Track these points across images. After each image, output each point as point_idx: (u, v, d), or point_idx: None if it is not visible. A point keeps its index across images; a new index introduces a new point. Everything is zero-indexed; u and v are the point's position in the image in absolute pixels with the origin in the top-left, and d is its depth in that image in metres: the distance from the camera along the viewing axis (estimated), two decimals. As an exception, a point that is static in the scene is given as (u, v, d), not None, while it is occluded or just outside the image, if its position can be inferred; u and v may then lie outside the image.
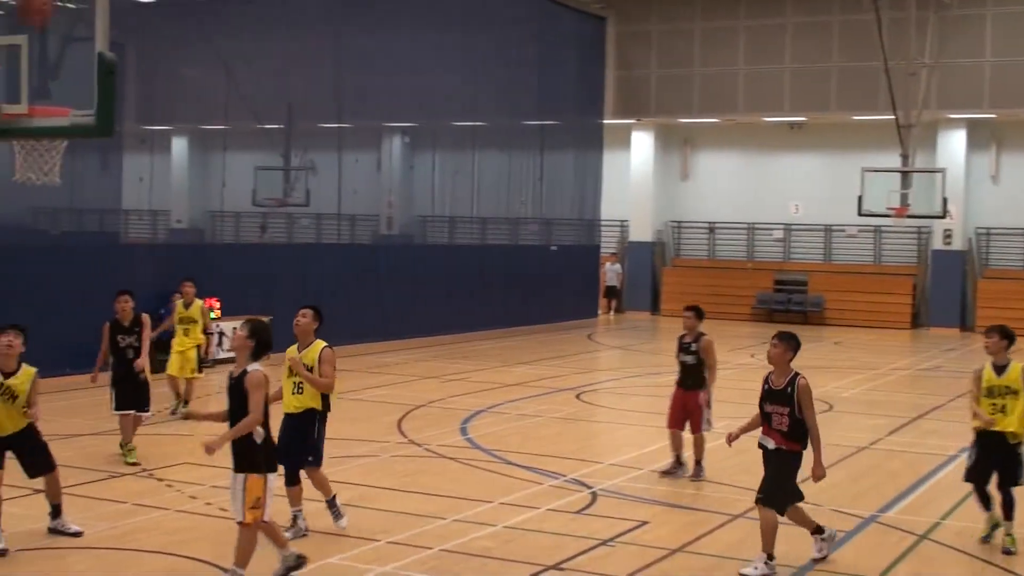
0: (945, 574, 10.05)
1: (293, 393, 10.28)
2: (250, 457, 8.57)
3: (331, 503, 10.50)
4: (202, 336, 16.90)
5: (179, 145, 36.85)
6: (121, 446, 13.32)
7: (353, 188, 27.36)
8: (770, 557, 9.60)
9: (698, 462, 13.36)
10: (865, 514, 11.77)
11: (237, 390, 8.57)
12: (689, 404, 13.35)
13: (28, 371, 9.99)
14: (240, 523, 8.55)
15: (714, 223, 38.98)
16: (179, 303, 17.02)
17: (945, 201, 30.60)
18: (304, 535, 10.18)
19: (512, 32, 31.84)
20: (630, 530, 10.83)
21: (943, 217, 31.57)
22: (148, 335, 13.67)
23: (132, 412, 13.34)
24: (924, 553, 10.56)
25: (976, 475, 10.64)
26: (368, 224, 32.75)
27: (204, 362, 20.82)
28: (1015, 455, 10.44)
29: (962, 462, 14.70)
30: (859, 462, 14.68)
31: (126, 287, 17.81)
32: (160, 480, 12.35)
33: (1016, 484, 10.48)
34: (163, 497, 11.60)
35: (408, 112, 29.93)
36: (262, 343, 8.68)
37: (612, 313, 37.10)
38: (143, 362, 13.47)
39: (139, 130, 26.22)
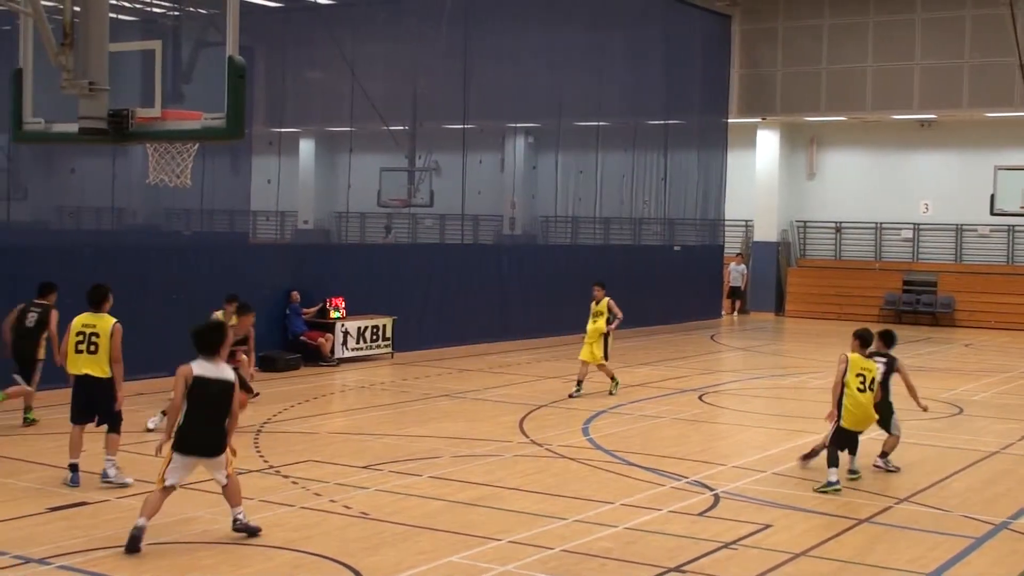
0: (1081, 585, 9.74)
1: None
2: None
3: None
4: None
5: (306, 147, 37.47)
6: None
7: (477, 189, 27.50)
8: None
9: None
10: (996, 521, 11.44)
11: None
12: None
13: None
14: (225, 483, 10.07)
15: (841, 223, 38.30)
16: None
17: (1081, 199, 29.64)
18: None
19: (637, 31, 31.68)
20: (753, 533, 10.69)
21: (1078, 215, 30.59)
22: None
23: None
24: (1059, 562, 10.23)
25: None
26: (491, 224, 32.89)
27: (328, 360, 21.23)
28: None
29: (1100, 469, 14.24)
30: (990, 467, 14.28)
31: (256, 286, 18.26)
32: (286, 477, 12.57)
33: None
34: (288, 493, 11.80)
35: (532, 112, 29.96)
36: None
37: (736, 314, 36.69)
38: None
39: (267, 133, 26.72)
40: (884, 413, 13.26)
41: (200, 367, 9.88)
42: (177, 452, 9.83)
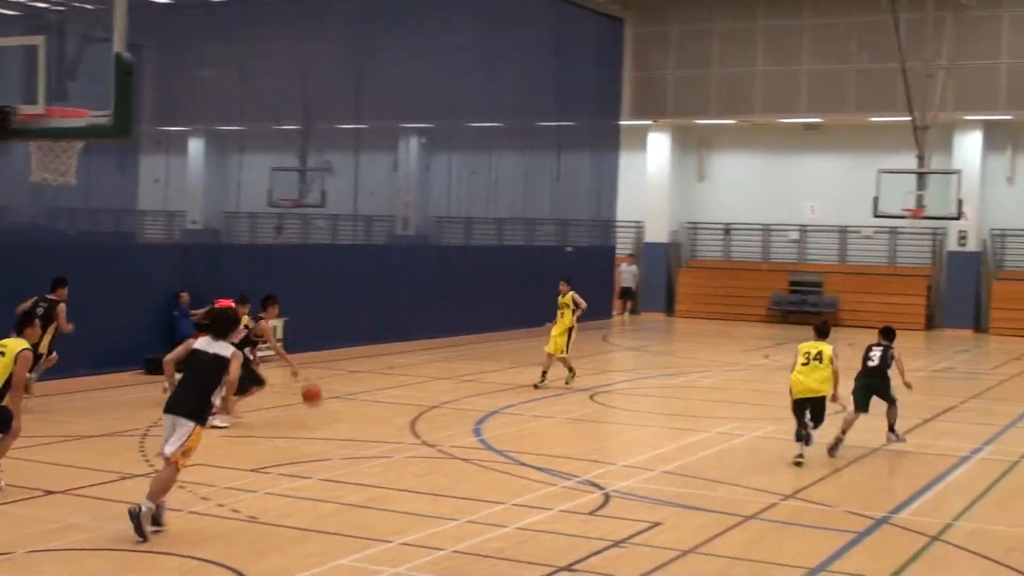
0: (955, 574, 10.03)
1: None
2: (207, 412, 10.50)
3: None
4: None
5: (195, 146, 36.91)
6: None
7: (369, 189, 27.38)
8: None
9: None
10: (877, 515, 11.72)
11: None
12: None
13: None
14: (167, 458, 10.18)
15: (730, 224, 38.92)
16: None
17: (960, 203, 30.44)
18: None
19: (530, 33, 31.79)
20: (642, 531, 10.81)
21: (958, 219, 31.42)
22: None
23: None
24: (936, 554, 10.51)
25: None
26: (384, 225, 32.78)
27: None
28: None
29: (976, 463, 14.68)
30: (872, 463, 14.64)
31: (142, 287, 18.02)
32: (174, 480, 12.36)
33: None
34: (174, 498, 11.60)
35: (425, 113, 29.91)
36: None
37: (627, 314, 37.04)
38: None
39: (156, 131, 26.27)
40: (883, 387, 15.20)
41: (202, 343, 10.62)
42: (164, 412, 10.44)
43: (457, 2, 29.03)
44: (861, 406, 15.07)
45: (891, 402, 15.28)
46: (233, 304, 16.89)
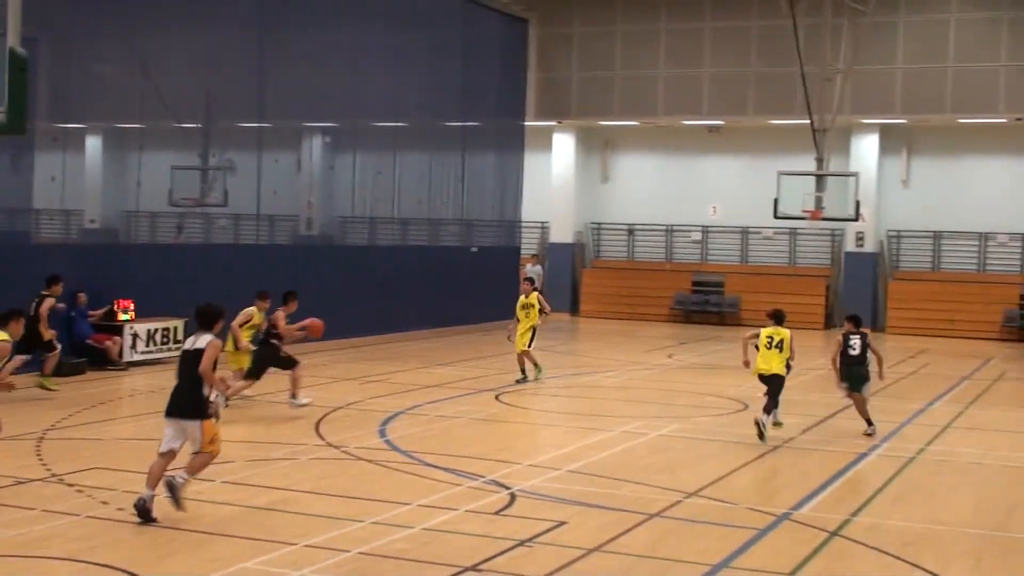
0: (855, 570, 10.19)
1: None
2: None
3: None
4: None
5: (93, 144, 36.07)
6: None
7: (273, 188, 27.06)
8: None
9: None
10: (779, 511, 11.90)
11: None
12: None
13: None
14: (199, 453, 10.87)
15: (633, 225, 39.24)
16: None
17: (858, 204, 31.07)
18: None
19: (434, 33, 31.69)
20: (548, 530, 10.84)
21: (856, 220, 32.08)
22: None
23: None
24: (835, 549, 10.70)
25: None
26: (287, 225, 32.43)
27: (116, 364, 20.58)
28: None
29: (873, 459, 14.98)
30: (773, 461, 14.85)
31: (38, 288, 17.69)
32: (70, 485, 12.10)
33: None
34: (73, 502, 11.37)
35: (329, 112, 29.64)
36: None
37: (532, 314, 37.06)
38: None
39: (52, 128, 25.69)
40: (858, 379, 16.61)
41: (189, 341, 11.18)
42: (165, 416, 11.02)
43: (362, 1, 28.84)
44: (855, 389, 16.72)
45: (863, 388, 16.72)
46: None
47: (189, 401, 10.88)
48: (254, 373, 17.53)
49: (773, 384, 16.33)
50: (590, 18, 37.55)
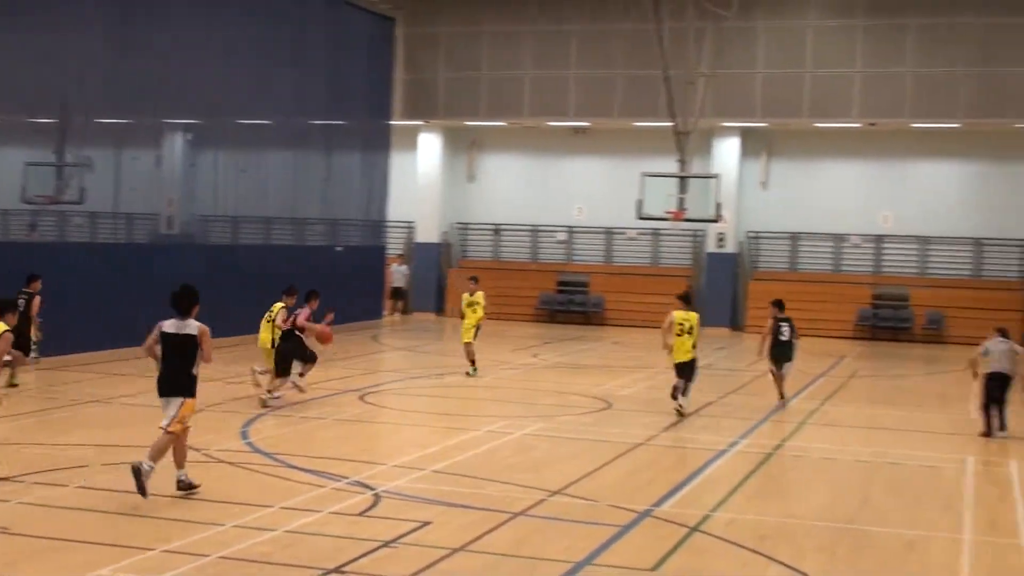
0: (714, 564, 10.39)
1: None
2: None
3: None
4: None
5: (-58, 139, 34.94)
6: None
7: (131, 186, 26.43)
8: None
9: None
10: (640, 508, 12.07)
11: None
12: None
13: None
14: (166, 430, 11.79)
15: (499, 225, 39.39)
16: None
17: (719, 206, 31.66)
18: None
19: (300, 30, 31.32)
20: (412, 531, 10.82)
21: (717, 221, 32.68)
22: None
23: None
24: (695, 545, 10.89)
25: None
26: (146, 223, 31.74)
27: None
28: None
29: (732, 456, 15.30)
30: (635, 458, 15.05)
31: None
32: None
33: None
34: (-80, 509, 10.98)
35: (192, 109, 29.07)
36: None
37: (398, 314, 37.03)
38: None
39: None
40: (785, 359, 19.81)
41: (169, 325, 12.19)
42: (159, 395, 12.09)
43: (228, -4, 28.42)
44: (780, 367, 19.87)
45: (786, 368, 19.76)
46: None
47: (177, 380, 11.94)
48: (282, 369, 18.29)
49: (687, 370, 18.24)
50: (457, 18, 37.58)
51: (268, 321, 19.00)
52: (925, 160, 35.98)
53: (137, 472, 11.38)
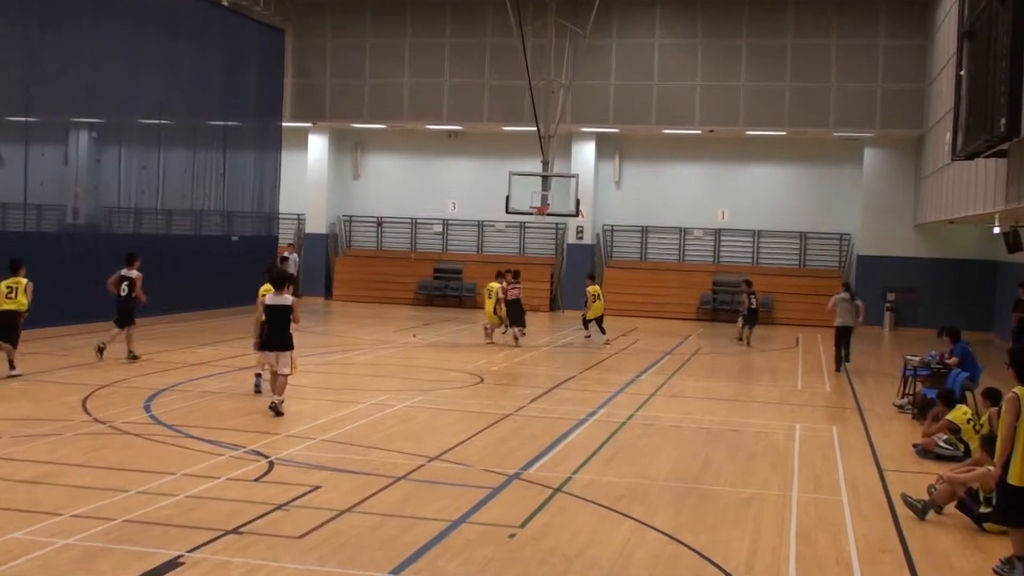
0: (576, 521, 10.45)
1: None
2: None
3: None
4: None
5: None
6: None
7: (40, 180, 25.54)
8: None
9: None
10: (509, 472, 12.10)
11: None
12: None
13: None
14: (284, 375, 14.95)
15: (381, 218, 39.14)
16: None
17: (578, 202, 31.77)
18: None
19: (199, 38, 30.69)
20: (304, 494, 10.68)
21: (576, 216, 32.83)
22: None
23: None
24: (559, 504, 10.96)
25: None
26: (54, 214, 30.73)
27: None
28: None
29: (590, 424, 15.44)
30: (505, 427, 15.08)
31: None
32: None
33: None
34: None
35: (97, 109, 28.18)
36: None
37: (289, 298, 36.44)
38: None
39: None
40: (755, 318, 26.79)
41: (270, 298, 15.05)
42: (260, 351, 15.59)
43: (132, 5, 27.63)
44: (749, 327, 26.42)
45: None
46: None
47: (282, 338, 14.86)
48: (516, 320, 25.46)
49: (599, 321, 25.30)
50: (342, 31, 37.20)
51: (489, 298, 25.50)
52: (757, 163, 36.80)
53: (275, 408, 14.64)
